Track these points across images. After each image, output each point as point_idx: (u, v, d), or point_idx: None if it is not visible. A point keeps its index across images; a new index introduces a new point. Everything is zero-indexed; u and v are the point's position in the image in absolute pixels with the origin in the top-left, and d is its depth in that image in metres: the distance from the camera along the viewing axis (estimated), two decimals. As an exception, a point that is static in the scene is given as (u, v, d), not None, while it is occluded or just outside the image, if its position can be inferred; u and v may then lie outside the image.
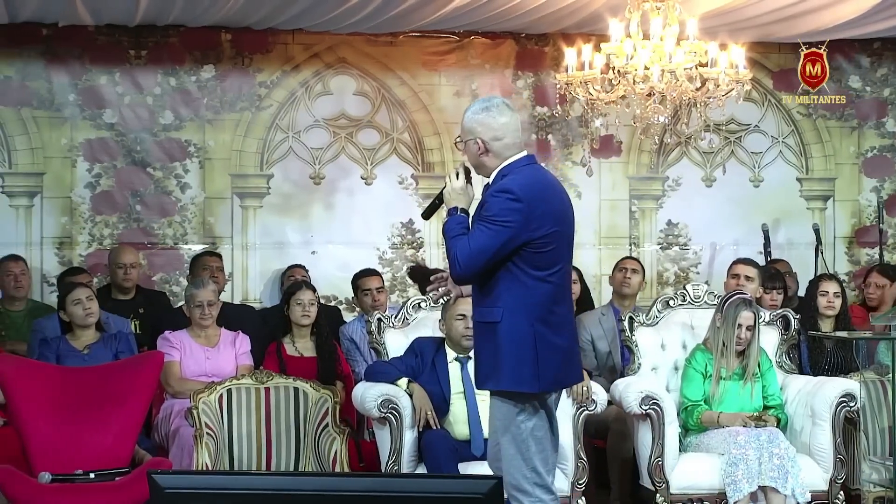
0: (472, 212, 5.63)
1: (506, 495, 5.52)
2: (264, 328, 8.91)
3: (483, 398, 7.36)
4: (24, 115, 10.15)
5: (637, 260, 9.81)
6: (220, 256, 9.90)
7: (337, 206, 10.58)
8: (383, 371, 7.34)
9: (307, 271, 9.90)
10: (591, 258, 10.75)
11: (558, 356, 5.55)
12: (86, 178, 10.23)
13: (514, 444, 5.57)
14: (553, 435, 5.67)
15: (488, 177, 5.60)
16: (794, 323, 8.10)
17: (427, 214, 5.84)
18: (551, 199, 5.54)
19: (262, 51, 10.45)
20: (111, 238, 10.22)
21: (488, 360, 5.58)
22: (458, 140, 5.69)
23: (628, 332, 7.99)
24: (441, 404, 7.30)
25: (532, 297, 5.48)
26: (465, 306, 7.50)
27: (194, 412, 7.18)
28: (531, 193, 5.44)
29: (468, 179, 5.64)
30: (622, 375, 8.11)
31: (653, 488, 7.45)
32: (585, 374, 7.40)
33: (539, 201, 5.46)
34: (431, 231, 10.43)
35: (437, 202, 5.73)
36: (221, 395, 7.39)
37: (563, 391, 7.22)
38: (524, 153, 5.62)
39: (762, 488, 7.25)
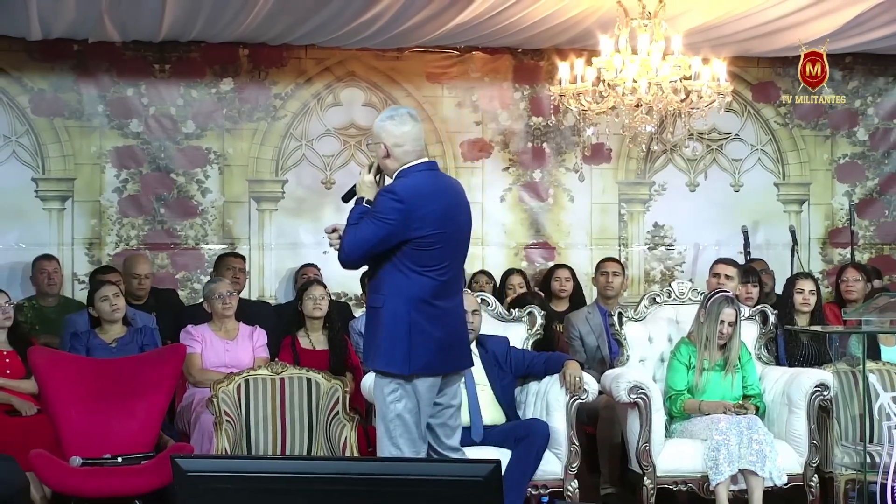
0: None
1: None
2: (280, 323, 8.92)
3: (482, 388, 7.39)
4: (56, 125, 10.16)
5: (617, 261, 9.79)
6: (242, 258, 9.92)
7: (346, 209, 10.54)
8: (389, 363, 7.33)
9: (319, 270, 9.89)
10: (583, 258, 10.74)
11: (432, 345, 5.61)
12: (114, 183, 10.24)
13: (382, 423, 5.69)
14: (420, 422, 5.67)
15: (392, 177, 5.70)
16: (771, 318, 8.10)
17: (346, 199, 5.92)
18: (435, 203, 5.60)
19: (277, 65, 10.45)
20: (137, 239, 10.23)
21: (370, 341, 5.72)
22: (368, 142, 5.83)
23: (618, 327, 7.98)
24: (443, 393, 7.29)
25: (411, 289, 5.57)
26: (466, 302, 7.50)
27: (214, 401, 7.18)
28: (413, 196, 5.55)
29: (379, 175, 5.76)
30: (611, 367, 8.10)
31: (640, 471, 7.44)
32: (578, 365, 7.43)
33: (421, 204, 5.55)
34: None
35: (354, 191, 5.83)
36: (240, 385, 7.38)
37: (558, 382, 7.32)
38: (424, 159, 5.71)
39: (742, 471, 7.25)
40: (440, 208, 5.61)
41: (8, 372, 7.87)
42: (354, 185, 5.85)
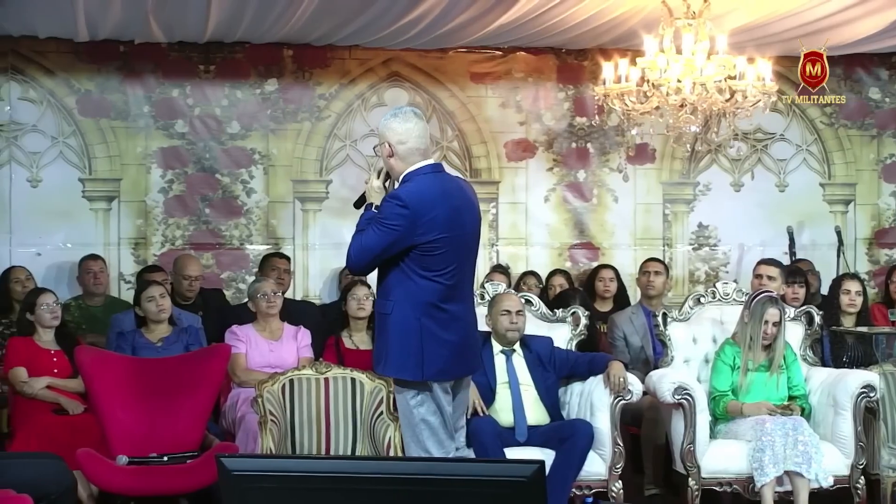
0: None
1: None
2: (324, 323, 8.94)
3: (526, 388, 7.39)
4: (102, 126, 10.22)
5: (660, 261, 9.76)
6: (287, 259, 9.93)
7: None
8: (433, 363, 7.33)
9: (363, 270, 9.88)
10: (627, 258, 10.71)
11: (445, 350, 5.58)
12: (159, 183, 10.29)
13: (408, 429, 5.68)
14: (445, 421, 5.67)
15: (398, 180, 5.64)
16: (817, 319, 8.05)
17: (357, 205, 5.86)
18: (441, 208, 5.52)
19: (321, 66, 10.47)
20: (182, 239, 10.28)
21: (381, 346, 5.68)
22: (375, 145, 5.77)
23: (662, 328, 7.96)
24: (488, 394, 7.30)
25: (420, 294, 5.53)
26: (510, 303, 7.51)
27: (259, 400, 7.20)
28: (418, 201, 5.48)
29: (388, 180, 5.70)
30: (655, 367, 8.08)
31: (685, 472, 7.41)
32: (622, 365, 7.41)
33: (426, 209, 5.48)
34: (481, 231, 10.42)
35: (365, 197, 5.79)
36: (284, 385, 7.40)
37: (602, 383, 7.31)
38: (429, 161, 5.64)
39: (787, 473, 7.21)
40: (446, 212, 5.54)
41: (55, 371, 7.94)
42: (364, 193, 5.80)
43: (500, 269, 10.12)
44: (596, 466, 7.26)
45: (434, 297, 5.54)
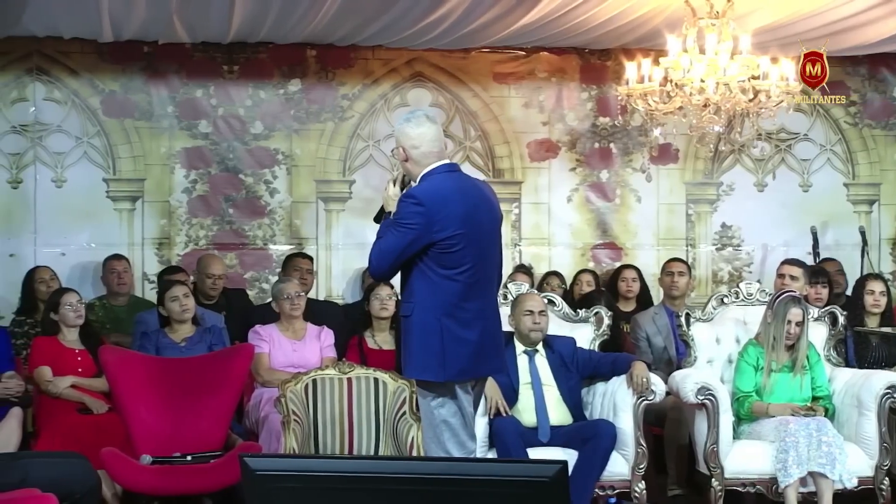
0: None
1: None
2: (347, 323, 8.95)
3: (549, 389, 7.38)
4: (126, 126, 10.25)
5: (683, 261, 9.73)
6: (311, 259, 9.95)
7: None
8: (456, 363, 7.33)
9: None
10: (650, 258, 10.69)
11: (466, 349, 5.57)
12: (183, 183, 10.32)
13: (430, 430, 5.67)
14: (466, 423, 5.67)
15: (416, 182, 5.65)
16: (841, 319, 8.02)
17: (377, 219, 5.84)
18: (456, 204, 5.53)
19: (344, 66, 10.48)
20: (206, 239, 10.30)
21: (405, 350, 5.68)
22: (393, 149, 5.78)
23: (685, 328, 7.94)
24: (510, 394, 7.30)
25: (439, 294, 5.53)
26: (533, 303, 7.51)
27: (282, 400, 7.21)
28: (433, 198, 5.50)
29: (406, 188, 5.70)
30: (678, 368, 8.06)
31: (708, 473, 7.40)
32: (645, 366, 7.40)
33: (441, 206, 5.50)
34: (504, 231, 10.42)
35: (384, 209, 5.78)
36: (307, 385, 7.41)
37: (625, 383, 7.30)
38: (444, 161, 5.65)
39: (811, 473, 7.18)
40: (462, 208, 5.55)
41: (80, 370, 7.96)
42: (383, 205, 5.81)
43: (522, 270, 10.12)
44: (619, 467, 7.25)
45: (453, 296, 5.54)
